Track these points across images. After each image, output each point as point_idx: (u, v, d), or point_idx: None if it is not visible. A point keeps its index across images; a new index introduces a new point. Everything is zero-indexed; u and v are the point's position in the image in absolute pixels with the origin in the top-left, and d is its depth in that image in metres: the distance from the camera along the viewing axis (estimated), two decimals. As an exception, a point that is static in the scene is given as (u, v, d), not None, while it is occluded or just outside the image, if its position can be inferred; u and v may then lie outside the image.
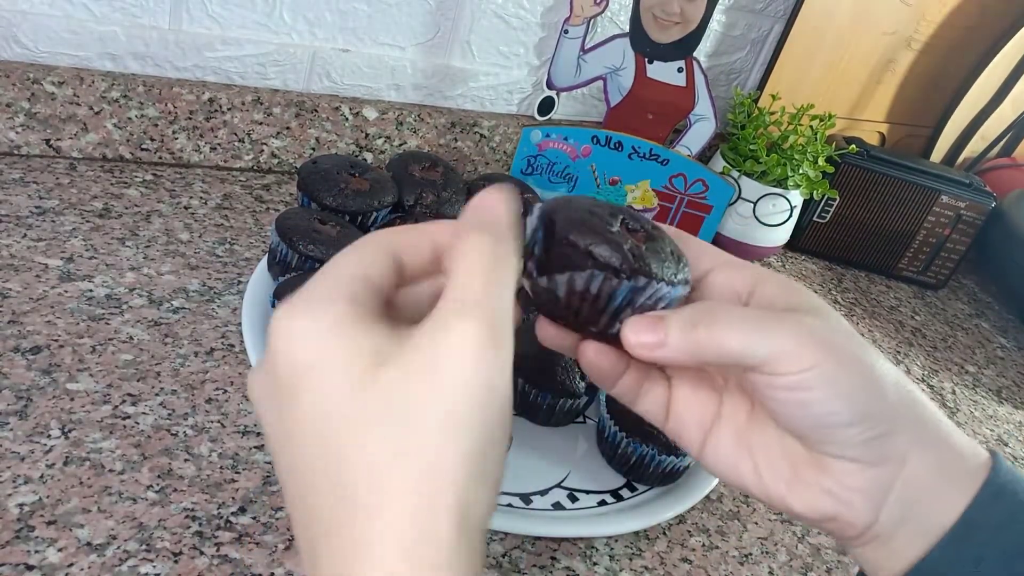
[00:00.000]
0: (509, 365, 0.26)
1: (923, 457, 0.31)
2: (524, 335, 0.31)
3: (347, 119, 0.80)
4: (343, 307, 0.26)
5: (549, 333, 0.34)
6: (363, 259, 0.28)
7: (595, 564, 0.50)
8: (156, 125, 0.72)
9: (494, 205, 0.29)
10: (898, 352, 0.87)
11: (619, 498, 0.54)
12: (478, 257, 0.27)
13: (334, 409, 0.25)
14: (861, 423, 0.30)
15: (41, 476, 0.44)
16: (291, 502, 0.27)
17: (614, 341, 0.33)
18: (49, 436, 0.46)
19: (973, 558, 0.31)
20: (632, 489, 0.55)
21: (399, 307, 0.29)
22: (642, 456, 0.54)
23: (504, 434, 0.26)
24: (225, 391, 0.53)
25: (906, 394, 0.32)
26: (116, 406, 0.49)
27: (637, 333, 0.31)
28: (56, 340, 0.53)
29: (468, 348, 0.25)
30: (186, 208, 0.70)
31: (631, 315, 0.32)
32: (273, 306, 0.54)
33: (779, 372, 0.30)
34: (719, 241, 0.92)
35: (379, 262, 0.28)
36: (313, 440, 0.25)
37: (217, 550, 0.43)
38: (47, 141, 0.69)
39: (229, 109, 0.74)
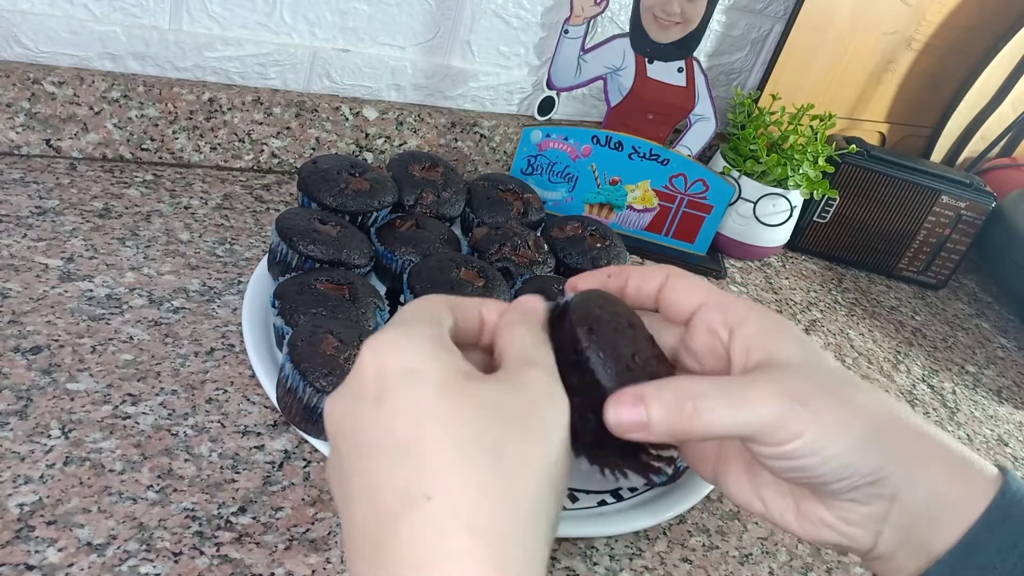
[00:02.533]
0: (567, 407, 0.31)
1: (917, 490, 0.32)
2: None
3: (347, 119, 0.80)
4: (432, 328, 0.30)
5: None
6: (435, 304, 0.32)
7: (595, 564, 0.50)
8: (156, 125, 0.72)
9: (534, 304, 0.34)
10: (898, 352, 0.87)
11: (619, 498, 0.54)
12: (527, 331, 0.33)
13: (426, 407, 0.27)
14: (848, 477, 0.32)
15: (41, 476, 0.44)
16: (353, 507, 0.28)
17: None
18: (49, 436, 0.46)
19: None
20: (632, 489, 0.55)
21: None
22: (642, 456, 0.54)
23: (566, 456, 0.30)
24: (225, 391, 0.53)
25: (896, 432, 0.32)
26: (116, 406, 0.49)
27: (618, 412, 0.31)
28: (56, 340, 0.53)
29: (542, 381, 0.30)
30: (186, 208, 0.70)
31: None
32: (273, 306, 0.54)
33: (765, 443, 0.31)
34: (719, 241, 0.92)
35: (446, 311, 0.33)
36: (396, 436, 0.27)
37: (217, 550, 0.43)
38: (47, 141, 0.69)
39: (229, 109, 0.74)
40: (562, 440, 0.30)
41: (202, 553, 0.43)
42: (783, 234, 0.92)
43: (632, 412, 0.31)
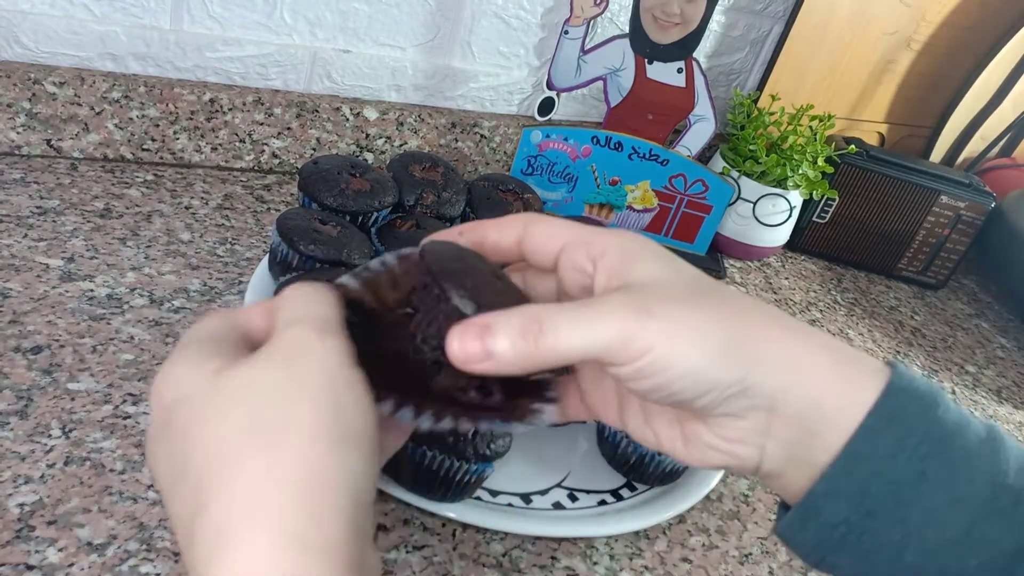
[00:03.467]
0: (340, 352, 0.29)
1: (795, 398, 0.30)
2: None
3: (348, 119, 0.80)
4: (196, 347, 0.30)
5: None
6: (206, 326, 0.32)
7: (595, 564, 0.50)
8: (157, 125, 0.73)
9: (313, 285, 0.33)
10: (898, 352, 0.87)
11: (619, 498, 0.54)
12: (293, 293, 0.31)
13: (193, 420, 0.28)
14: (712, 391, 0.30)
15: (42, 476, 0.44)
16: (173, 514, 0.29)
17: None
18: (50, 436, 0.46)
19: (860, 490, 0.30)
20: (632, 489, 0.55)
21: None
22: (642, 456, 0.54)
23: (357, 409, 0.28)
24: (226, 391, 0.53)
25: (762, 337, 0.31)
26: (117, 406, 0.50)
27: (463, 346, 0.29)
28: (57, 340, 0.53)
29: (298, 338, 0.29)
30: (187, 208, 0.70)
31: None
32: (273, 306, 0.54)
33: (617, 363, 0.30)
34: (719, 241, 0.92)
35: (223, 323, 0.32)
36: (182, 438, 0.28)
37: (218, 549, 0.43)
38: (48, 141, 0.70)
39: (230, 109, 0.74)
40: (332, 385, 0.28)
41: (203, 552, 0.43)
42: (782, 234, 0.92)
43: (477, 342, 0.29)
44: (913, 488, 0.30)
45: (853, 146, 0.92)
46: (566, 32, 0.82)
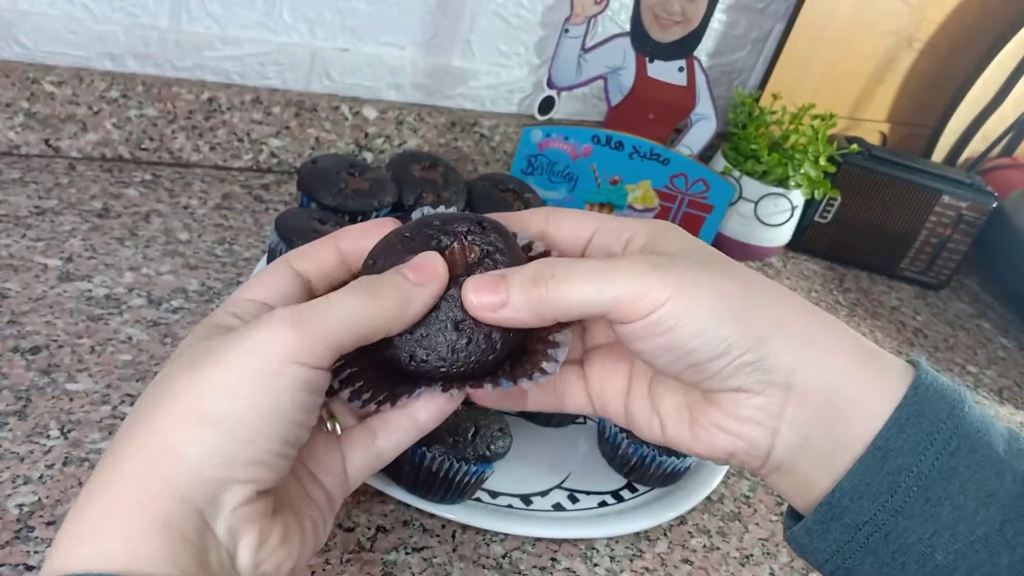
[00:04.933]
0: (285, 346, 0.28)
1: (813, 379, 0.29)
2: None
3: (347, 118, 0.79)
4: (222, 311, 0.32)
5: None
6: (262, 282, 0.32)
7: (596, 565, 0.50)
8: (155, 125, 0.72)
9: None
10: (899, 352, 0.87)
11: (620, 499, 0.54)
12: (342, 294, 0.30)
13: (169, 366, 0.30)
14: (725, 355, 0.29)
15: (40, 477, 0.44)
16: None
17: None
18: (48, 436, 0.46)
19: (888, 487, 0.29)
20: (633, 490, 0.55)
21: None
22: (643, 457, 0.53)
23: (292, 413, 0.28)
24: (224, 391, 0.53)
25: (783, 307, 0.30)
26: (115, 406, 0.49)
27: (478, 293, 0.30)
28: (55, 340, 0.52)
29: (263, 323, 0.28)
30: (185, 208, 0.70)
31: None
32: (273, 306, 0.54)
33: (629, 319, 0.29)
34: (720, 241, 0.91)
35: (283, 272, 0.33)
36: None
37: (216, 551, 0.43)
38: (46, 141, 0.69)
39: (228, 108, 0.74)
40: (256, 392, 0.27)
41: (201, 554, 0.43)
42: (784, 234, 0.92)
43: (492, 291, 0.29)
44: (943, 484, 0.28)
45: (855, 145, 0.91)
46: (566, 30, 0.82)
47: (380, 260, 0.32)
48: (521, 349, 0.33)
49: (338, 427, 0.34)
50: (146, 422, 0.28)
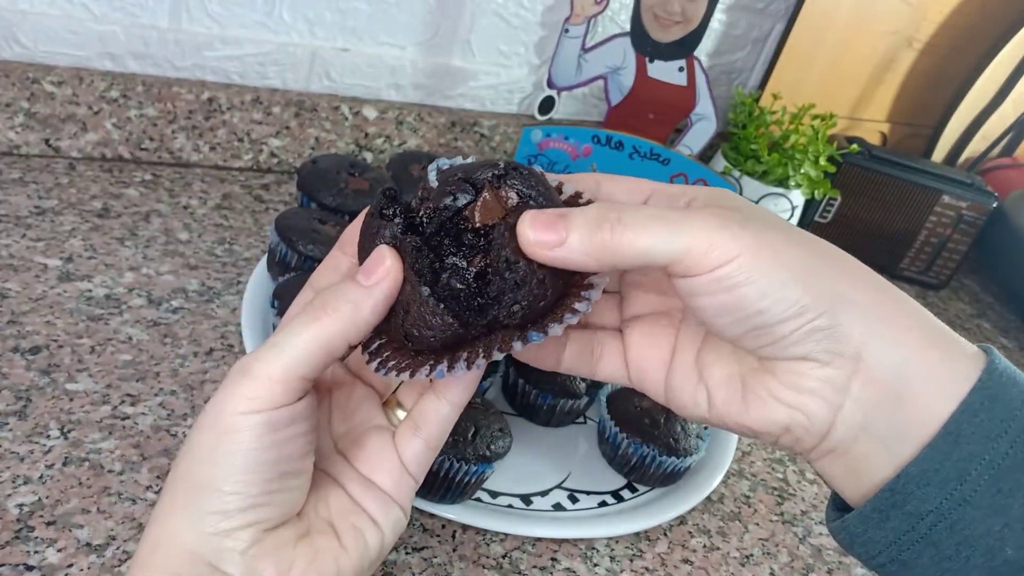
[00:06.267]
0: (237, 398, 0.29)
1: (884, 354, 0.27)
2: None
3: (347, 118, 0.79)
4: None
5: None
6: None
7: (596, 565, 0.50)
8: (155, 125, 0.72)
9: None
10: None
11: (620, 499, 0.54)
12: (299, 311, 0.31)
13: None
14: (796, 317, 0.27)
15: (40, 476, 0.44)
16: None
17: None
18: (48, 436, 0.46)
19: (957, 474, 0.27)
20: (633, 490, 0.55)
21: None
22: (643, 457, 0.53)
23: (215, 456, 0.29)
24: (224, 391, 0.53)
25: (855, 276, 0.28)
26: (115, 406, 0.49)
27: (536, 230, 0.28)
28: (55, 340, 0.52)
29: (220, 388, 0.29)
30: (185, 208, 0.70)
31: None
32: (273, 306, 0.54)
33: (695, 272, 0.27)
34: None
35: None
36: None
37: (216, 551, 0.43)
38: (46, 141, 0.69)
39: (228, 108, 0.74)
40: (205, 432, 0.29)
41: (201, 554, 0.43)
42: (784, 234, 0.92)
43: (550, 228, 0.28)
44: (1016, 475, 0.27)
45: (855, 145, 0.91)
46: (566, 30, 0.82)
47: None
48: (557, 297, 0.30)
49: (395, 419, 0.34)
50: (162, 495, 0.30)
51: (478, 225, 0.30)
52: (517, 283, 0.29)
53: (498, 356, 0.29)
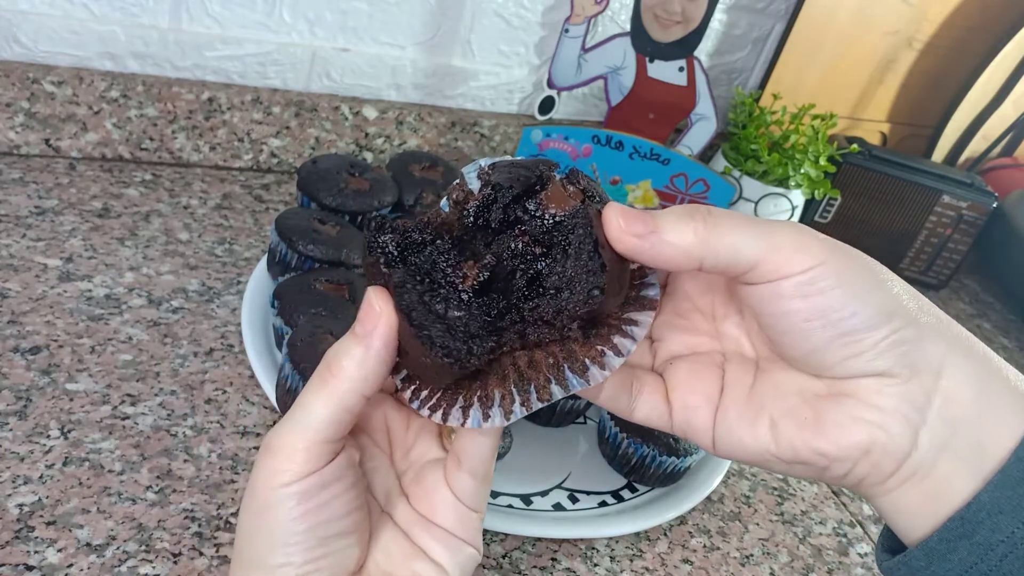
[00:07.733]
0: (274, 472, 0.29)
1: (962, 369, 0.27)
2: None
3: (347, 119, 0.79)
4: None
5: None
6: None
7: (596, 565, 0.50)
8: (155, 125, 0.72)
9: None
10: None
11: (620, 499, 0.54)
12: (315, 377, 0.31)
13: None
14: (885, 324, 0.26)
15: (41, 476, 0.44)
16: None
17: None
18: (48, 436, 0.46)
19: None
20: (633, 490, 0.55)
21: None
22: (643, 457, 0.53)
23: (260, 533, 0.30)
24: (224, 391, 0.53)
25: (927, 304, 0.28)
26: (115, 406, 0.49)
27: (627, 219, 0.27)
28: (55, 340, 0.52)
29: (258, 457, 0.30)
30: (185, 208, 0.70)
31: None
32: (273, 306, 0.54)
33: (785, 272, 0.27)
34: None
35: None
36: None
37: (216, 551, 0.43)
38: (46, 141, 0.69)
39: (228, 108, 0.74)
40: (247, 510, 0.30)
41: (201, 554, 0.43)
42: (784, 234, 0.92)
43: (640, 220, 0.27)
44: None
45: (855, 145, 0.91)
46: (567, 30, 0.82)
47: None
48: (595, 326, 0.29)
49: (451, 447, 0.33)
50: (229, 574, 0.31)
51: (550, 213, 0.29)
52: (588, 271, 0.27)
53: (538, 406, 0.28)
